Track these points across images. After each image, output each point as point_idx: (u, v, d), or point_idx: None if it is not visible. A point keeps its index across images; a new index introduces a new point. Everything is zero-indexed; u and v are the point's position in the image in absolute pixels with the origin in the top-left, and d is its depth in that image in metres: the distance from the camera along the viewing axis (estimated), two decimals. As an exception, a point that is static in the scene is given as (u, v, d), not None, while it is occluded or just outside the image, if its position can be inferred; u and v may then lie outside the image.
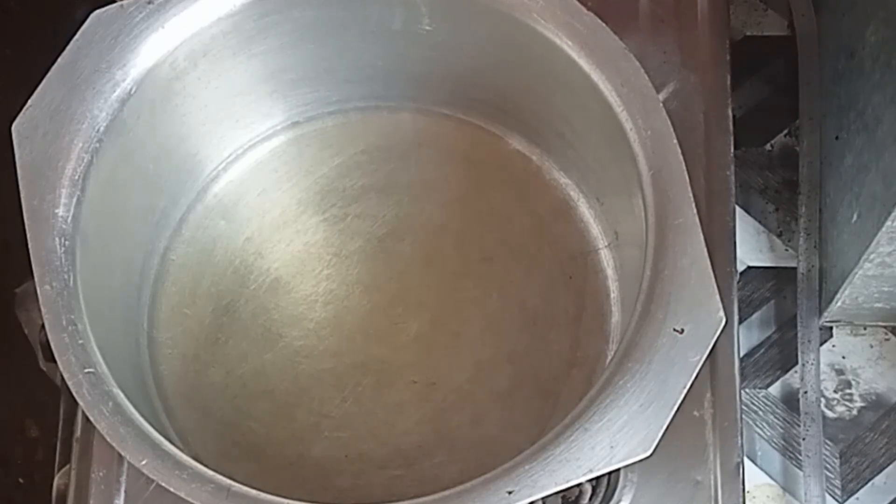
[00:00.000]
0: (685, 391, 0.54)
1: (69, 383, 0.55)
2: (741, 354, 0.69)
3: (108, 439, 0.54)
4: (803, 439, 0.73)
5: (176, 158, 0.70)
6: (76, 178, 0.59)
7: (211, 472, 0.54)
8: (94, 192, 0.60)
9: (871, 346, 0.77)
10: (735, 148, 0.72)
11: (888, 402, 0.75)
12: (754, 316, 0.78)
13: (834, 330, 0.77)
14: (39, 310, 0.57)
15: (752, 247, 0.79)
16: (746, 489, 0.68)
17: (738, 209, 0.74)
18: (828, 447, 0.74)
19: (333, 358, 0.69)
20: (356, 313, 0.70)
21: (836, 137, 0.75)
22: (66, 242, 0.58)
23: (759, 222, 0.80)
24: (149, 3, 0.62)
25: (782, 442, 0.75)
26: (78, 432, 0.67)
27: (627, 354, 0.55)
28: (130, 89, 0.61)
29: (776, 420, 0.75)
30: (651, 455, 0.53)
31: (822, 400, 0.75)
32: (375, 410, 0.68)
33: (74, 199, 0.59)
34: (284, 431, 0.68)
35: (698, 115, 0.72)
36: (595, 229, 0.71)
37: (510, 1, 0.62)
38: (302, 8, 0.66)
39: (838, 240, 0.72)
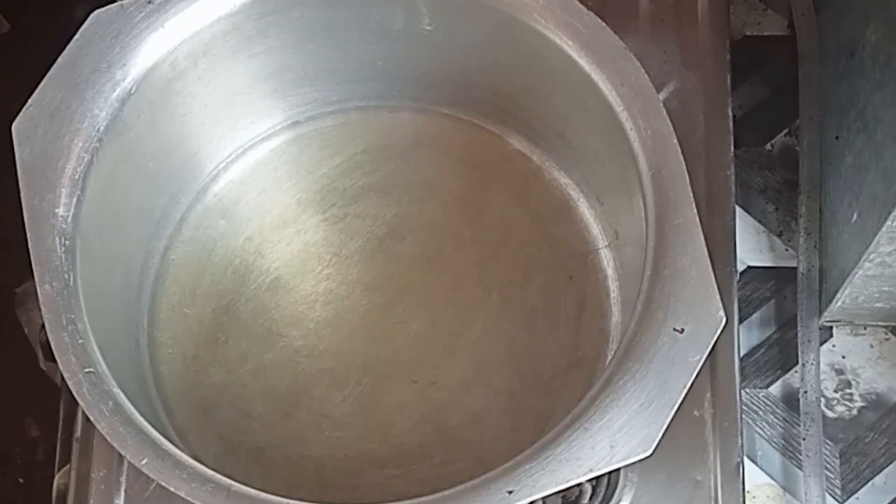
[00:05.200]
0: (685, 391, 0.54)
1: (69, 383, 0.55)
2: (741, 354, 0.69)
3: (108, 439, 0.54)
4: (803, 439, 0.73)
5: (176, 158, 0.70)
6: (76, 177, 0.59)
7: (211, 472, 0.54)
8: (94, 191, 0.60)
9: (871, 346, 0.77)
10: (735, 148, 0.72)
11: (888, 401, 0.75)
12: (754, 316, 0.78)
13: (834, 330, 0.77)
14: (39, 309, 0.57)
15: (752, 247, 0.79)
16: (746, 489, 0.68)
17: (738, 209, 0.74)
18: (828, 447, 0.74)
19: (333, 358, 0.69)
20: (356, 313, 0.70)
21: (836, 137, 0.75)
22: (66, 242, 0.58)
23: (759, 222, 0.80)
24: (149, 2, 0.62)
25: (782, 442, 0.75)
26: (78, 432, 0.67)
27: (627, 354, 0.55)
28: (130, 89, 0.61)
29: (776, 420, 0.75)
30: (651, 455, 0.53)
31: (822, 400, 0.75)
32: (375, 410, 0.68)
33: (74, 199, 0.59)
34: (284, 431, 0.68)
35: (698, 115, 0.72)
36: (595, 229, 0.71)
37: (510, 1, 0.62)
38: (302, 8, 0.66)
39: (838, 240, 0.72)
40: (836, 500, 0.73)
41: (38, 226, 0.58)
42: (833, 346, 0.77)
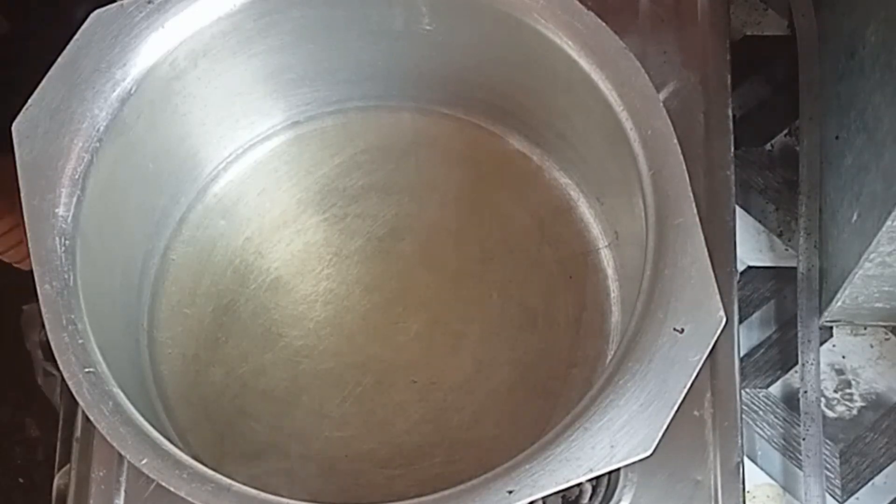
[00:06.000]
0: (685, 391, 0.54)
1: (69, 383, 0.55)
2: (741, 354, 0.69)
3: (108, 439, 0.54)
4: (803, 439, 0.73)
5: (176, 158, 0.70)
6: (76, 177, 0.59)
7: (211, 472, 0.54)
8: (94, 191, 0.60)
9: (871, 346, 0.77)
10: (735, 148, 0.72)
11: (888, 401, 0.75)
12: (754, 316, 0.78)
13: (834, 330, 0.77)
14: (42, 326, 0.57)
15: (752, 247, 0.79)
16: (746, 489, 0.68)
17: (738, 209, 0.74)
18: (828, 447, 0.74)
19: (333, 358, 0.69)
20: (356, 313, 0.70)
21: (836, 137, 0.75)
22: (66, 242, 0.58)
23: (759, 222, 0.80)
24: (149, 2, 0.62)
25: (782, 442, 0.75)
26: (78, 432, 0.67)
27: (627, 354, 0.55)
28: (130, 89, 0.61)
29: (776, 420, 0.75)
30: (651, 455, 0.53)
31: (822, 400, 0.75)
32: (375, 410, 0.68)
33: (74, 199, 0.59)
34: (284, 431, 0.68)
35: (698, 115, 0.72)
36: (595, 229, 0.71)
37: (510, 1, 0.62)
38: (302, 8, 0.66)
39: (838, 239, 0.72)
40: (836, 500, 0.73)
41: (38, 226, 0.58)
42: (833, 345, 0.77)
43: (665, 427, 0.53)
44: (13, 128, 0.59)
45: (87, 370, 0.55)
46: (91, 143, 0.60)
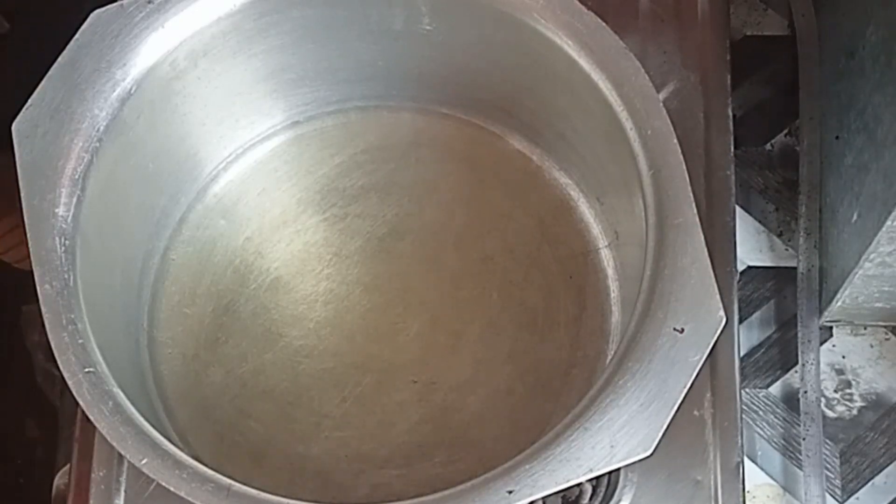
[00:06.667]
0: (685, 391, 0.54)
1: (69, 383, 0.55)
2: (741, 354, 0.69)
3: (108, 439, 0.54)
4: (803, 439, 0.73)
5: (176, 158, 0.70)
6: (76, 177, 0.59)
7: (211, 472, 0.54)
8: (94, 191, 0.60)
9: (871, 346, 0.77)
10: (735, 148, 0.72)
11: (888, 401, 0.75)
12: (754, 316, 0.78)
13: (834, 330, 0.77)
14: (43, 326, 0.57)
15: (752, 246, 0.79)
16: (746, 489, 0.68)
17: (738, 209, 0.74)
18: (828, 447, 0.74)
19: (333, 358, 0.69)
20: (356, 313, 0.70)
21: (837, 137, 0.75)
22: (66, 242, 0.58)
23: (759, 222, 0.80)
24: (149, 2, 0.62)
25: (782, 442, 0.75)
26: (78, 432, 0.67)
27: (627, 354, 0.55)
28: (130, 89, 0.61)
29: (776, 420, 0.75)
30: (651, 455, 0.53)
31: (822, 400, 0.75)
32: (375, 410, 0.68)
33: (74, 199, 0.59)
34: (284, 431, 0.68)
35: (698, 115, 0.72)
36: (595, 229, 0.71)
37: (510, 1, 0.62)
38: (302, 8, 0.66)
39: (838, 239, 0.72)
40: (836, 500, 0.73)
41: (38, 226, 0.58)
42: (833, 345, 0.77)
43: (665, 427, 0.53)
44: (13, 128, 0.59)
45: (87, 370, 0.55)
46: (91, 143, 0.60)
